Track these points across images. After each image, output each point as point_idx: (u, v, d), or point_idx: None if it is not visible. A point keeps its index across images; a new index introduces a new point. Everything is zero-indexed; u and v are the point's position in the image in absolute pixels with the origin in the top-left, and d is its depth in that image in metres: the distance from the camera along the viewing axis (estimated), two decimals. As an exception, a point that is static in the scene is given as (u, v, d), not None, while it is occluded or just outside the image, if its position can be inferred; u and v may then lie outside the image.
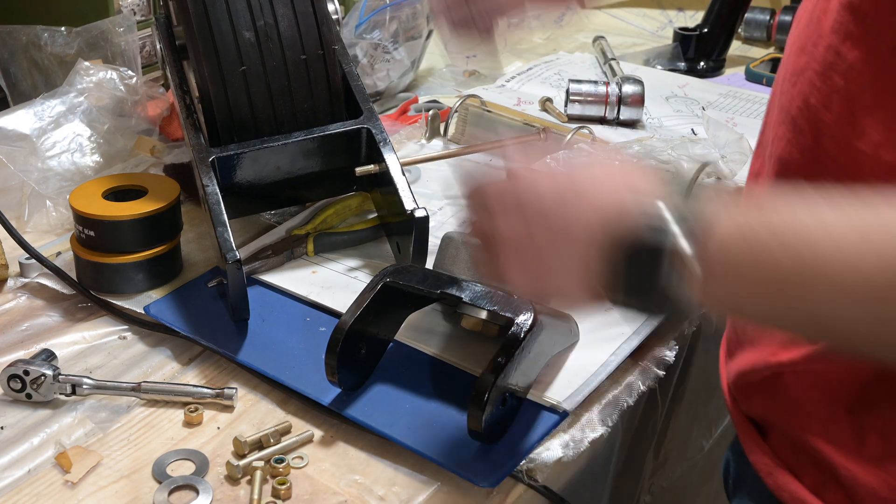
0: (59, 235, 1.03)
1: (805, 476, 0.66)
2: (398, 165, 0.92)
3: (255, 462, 0.72)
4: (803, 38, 0.64)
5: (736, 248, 0.53)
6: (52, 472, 0.73)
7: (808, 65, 0.62)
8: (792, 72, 0.65)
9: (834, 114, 0.60)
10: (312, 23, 0.92)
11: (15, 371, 0.79)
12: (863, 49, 0.58)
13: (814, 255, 0.51)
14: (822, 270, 0.51)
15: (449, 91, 1.42)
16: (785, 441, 0.67)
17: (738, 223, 0.54)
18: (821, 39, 0.61)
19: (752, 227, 0.53)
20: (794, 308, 0.53)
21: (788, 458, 0.67)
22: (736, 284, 0.54)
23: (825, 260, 0.51)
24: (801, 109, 0.63)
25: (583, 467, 0.81)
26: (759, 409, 0.70)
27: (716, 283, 0.54)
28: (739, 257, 0.53)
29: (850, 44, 0.58)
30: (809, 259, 0.51)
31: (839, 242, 0.50)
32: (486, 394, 0.71)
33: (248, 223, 1.04)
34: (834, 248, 0.50)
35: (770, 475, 0.67)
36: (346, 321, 0.77)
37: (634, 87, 1.24)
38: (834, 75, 0.60)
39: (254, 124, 0.92)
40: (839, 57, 0.59)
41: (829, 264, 0.50)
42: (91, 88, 1.10)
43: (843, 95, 0.60)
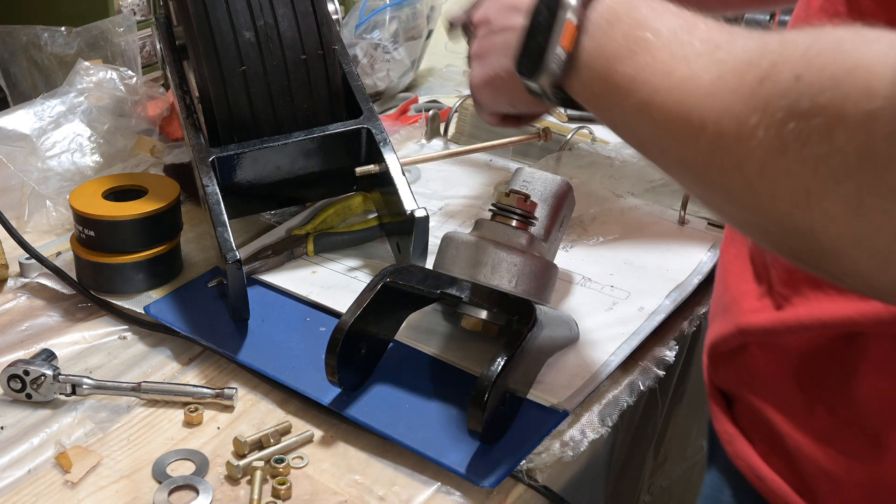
0: (59, 235, 1.03)
1: (757, 444, 0.67)
2: (398, 165, 0.92)
3: (255, 462, 0.72)
4: (794, 17, 0.66)
5: (602, 14, 0.59)
6: (52, 472, 0.73)
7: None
8: None
9: None
10: (312, 23, 0.92)
11: (15, 371, 0.79)
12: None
13: (635, 52, 0.56)
14: (637, 72, 0.55)
15: (449, 91, 1.42)
16: (746, 411, 0.69)
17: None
18: (810, 17, 0.63)
19: (623, 3, 0.59)
20: (615, 102, 0.57)
21: (747, 427, 0.68)
22: (595, 51, 0.59)
23: (642, 64, 0.55)
24: None
25: (583, 467, 0.81)
26: (725, 379, 0.71)
27: (584, 49, 0.59)
28: (602, 24, 0.59)
29: (837, 21, 0.59)
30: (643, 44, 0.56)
31: (655, 51, 0.54)
32: (486, 394, 0.71)
33: (248, 223, 1.04)
34: (650, 53, 0.55)
35: (730, 443, 0.69)
36: (346, 321, 0.77)
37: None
38: None
39: (254, 124, 0.92)
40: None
41: (640, 73, 0.54)
42: (91, 88, 1.10)
43: None
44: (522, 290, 0.78)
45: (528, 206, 0.82)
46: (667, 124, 0.52)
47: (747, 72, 0.47)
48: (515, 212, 0.81)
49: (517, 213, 0.81)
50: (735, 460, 0.68)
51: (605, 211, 1.04)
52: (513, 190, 0.84)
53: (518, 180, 0.86)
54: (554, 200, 0.85)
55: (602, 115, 0.61)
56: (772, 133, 0.45)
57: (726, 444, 0.69)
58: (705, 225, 1.05)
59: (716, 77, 0.49)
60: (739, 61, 0.49)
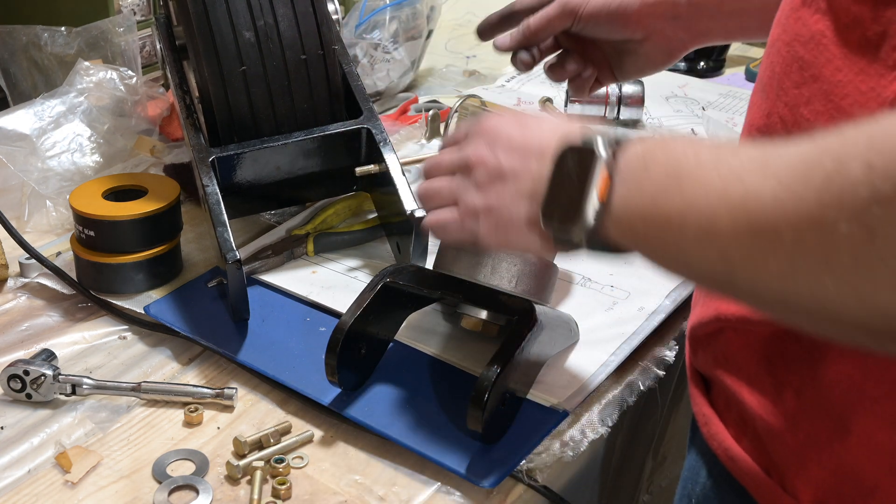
0: (59, 235, 1.03)
1: (731, 425, 0.68)
2: (398, 165, 0.92)
3: (255, 462, 0.72)
4: (780, 11, 0.66)
5: (635, 160, 0.59)
6: (52, 472, 0.73)
7: (779, 36, 0.65)
8: (768, 43, 0.67)
9: (791, 80, 0.62)
10: (312, 23, 0.92)
11: (15, 371, 0.79)
12: (824, 23, 0.60)
13: (683, 185, 0.55)
14: (690, 202, 0.54)
15: (449, 91, 1.42)
16: (721, 393, 0.69)
17: (646, 143, 0.60)
18: (792, 12, 0.63)
19: (654, 144, 0.59)
20: (668, 237, 0.57)
21: (722, 409, 0.69)
22: (634, 195, 0.59)
23: (692, 194, 0.54)
24: (769, 78, 0.65)
25: (582, 467, 0.81)
26: (703, 362, 0.72)
27: (619, 196, 0.59)
28: (638, 168, 0.59)
29: (819, 16, 0.60)
30: (682, 184, 0.55)
31: (703, 178, 0.54)
32: (486, 394, 0.71)
33: (248, 223, 1.04)
34: (697, 182, 0.54)
35: (706, 424, 0.70)
36: (346, 321, 0.77)
37: (634, 88, 1.24)
38: (797, 45, 0.62)
39: (254, 124, 0.92)
40: (805, 27, 0.61)
41: (693, 201, 0.54)
42: (91, 88, 1.10)
43: (800, 65, 0.62)
44: (522, 290, 0.78)
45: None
46: (736, 245, 0.51)
47: (811, 175, 0.48)
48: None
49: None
50: (710, 441, 0.69)
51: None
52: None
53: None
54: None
55: (651, 253, 0.59)
56: (855, 224, 0.45)
57: (702, 425, 0.70)
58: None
59: (777, 188, 0.49)
60: (797, 167, 0.49)
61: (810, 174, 0.48)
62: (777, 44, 0.65)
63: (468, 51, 1.61)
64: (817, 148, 0.49)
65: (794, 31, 0.62)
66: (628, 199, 0.59)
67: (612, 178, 0.59)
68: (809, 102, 0.60)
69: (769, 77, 0.65)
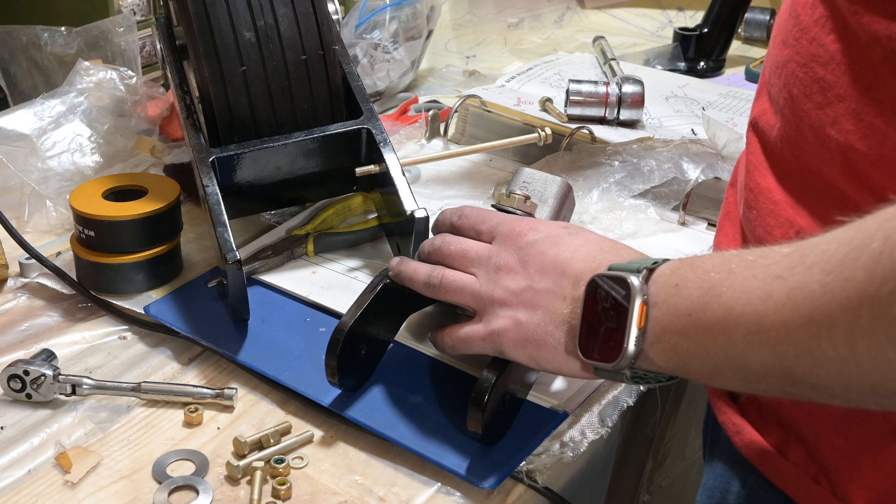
0: (59, 235, 1.03)
1: (769, 435, 0.67)
2: (398, 166, 0.92)
3: (255, 462, 0.72)
4: (784, 31, 0.66)
5: (665, 282, 0.61)
6: (52, 473, 0.73)
7: (791, 57, 0.65)
8: (776, 64, 0.67)
9: (813, 103, 0.62)
10: (313, 23, 0.92)
11: (15, 371, 0.79)
12: (842, 42, 0.60)
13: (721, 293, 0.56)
14: (731, 309, 0.55)
15: (449, 91, 1.42)
16: (752, 402, 0.69)
17: (673, 263, 0.62)
18: (803, 33, 0.63)
19: (680, 264, 0.61)
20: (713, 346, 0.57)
21: (754, 419, 0.69)
22: (669, 316, 0.60)
23: (731, 300, 0.55)
24: (786, 100, 0.65)
25: (582, 467, 0.81)
26: None
27: (655, 319, 0.61)
28: (669, 289, 0.60)
29: (834, 36, 0.61)
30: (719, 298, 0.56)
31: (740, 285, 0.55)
32: (486, 395, 0.71)
33: (248, 223, 1.04)
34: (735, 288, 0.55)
35: (738, 434, 0.69)
36: (346, 322, 0.77)
37: (634, 88, 1.24)
38: (816, 66, 0.62)
39: (254, 124, 0.92)
40: (822, 48, 0.62)
41: (735, 306, 0.55)
42: (91, 88, 1.10)
43: (821, 86, 0.62)
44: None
45: (528, 206, 0.82)
46: (788, 340, 0.52)
47: (858, 258, 0.48)
48: (515, 212, 0.81)
49: (517, 213, 0.81)
50: (744, 451, 0.68)
51: (605, 211, 1.04)
52: (513, 191, 0.84)
53: (518, 181, 0.86)
54: (554, 201, 0.85)
55: (698, 367, 0.59)
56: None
57: (734, 434, 0.69)
58: (705, 225, 1.05)
59: (822, 276, 0.50)
60: (839, 252, 0.50)
61: (858, 258, 0.48)
62: (790, 65, 0.64)
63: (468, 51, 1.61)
64: (859, 233, 0.49)
65: (810, 52, 0.62)
66: (664, 322, 0.60)
67: (646, 305, 0.61)
68: (836, 123, 0.60)
69: (786, 100, 0.65)
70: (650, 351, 0.61)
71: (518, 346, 0.70)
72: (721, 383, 0.60)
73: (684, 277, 0.59)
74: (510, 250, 0.72)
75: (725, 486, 0.72)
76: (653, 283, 0.61)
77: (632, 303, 0.61)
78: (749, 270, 0.55)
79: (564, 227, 0.73)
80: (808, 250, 0.52)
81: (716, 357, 0.57)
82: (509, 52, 1.63)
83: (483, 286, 0.72)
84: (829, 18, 0.61)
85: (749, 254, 0.57)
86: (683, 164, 1.06)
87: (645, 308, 0.61)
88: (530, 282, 0.70)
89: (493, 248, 0.73)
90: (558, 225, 0.73)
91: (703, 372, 0.59)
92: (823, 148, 0.62)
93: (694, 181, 1.04)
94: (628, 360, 0.62)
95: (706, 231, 1.04)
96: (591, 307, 0.65)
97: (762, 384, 0.56)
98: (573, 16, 1.82)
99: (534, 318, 0.69)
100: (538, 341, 0.68)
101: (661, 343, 0.60)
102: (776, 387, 0.56)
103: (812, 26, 0.62)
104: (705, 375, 0.59)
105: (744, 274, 0.55)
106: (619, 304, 0.62)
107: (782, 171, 0.66)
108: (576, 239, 0.70)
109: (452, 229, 0.79)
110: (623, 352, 0.61)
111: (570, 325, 0.67)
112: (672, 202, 1.06)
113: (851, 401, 0.53)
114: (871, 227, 0.49)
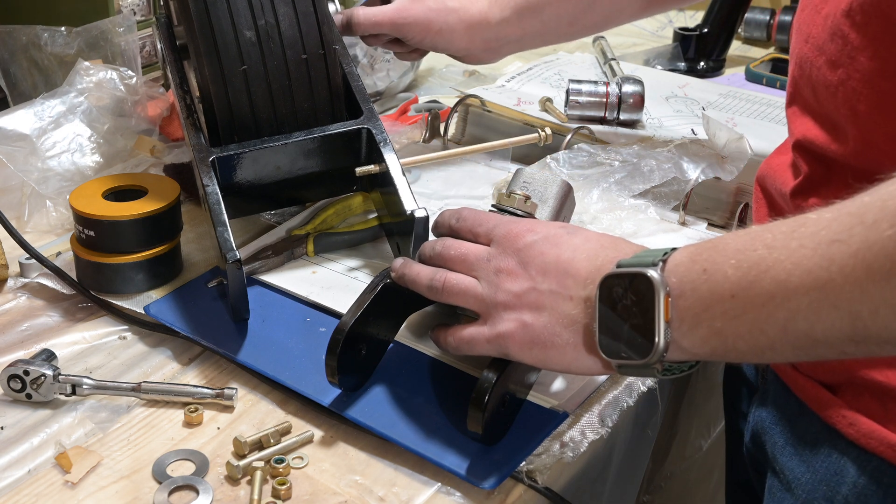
0: (59, 235, 1.03)
1: (890, 423, 0.68)
2: (398, 166, 0.92)
3: (255, 462, 0.72)
4: (830, 52, 0.67)
5: (687, 270, 0.60)
6: (52, 473, 0.73)
7: (848, 75, 0.66)
8: (826, 84, 0.68)
9: (885, 115, 0.63)
10: (313, 22, 0.92)
11: (15, 371, 0.79)
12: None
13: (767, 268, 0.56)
14: (786, 282, 0.55)
15: (449, 91, 1.42)
16: (863, 393, 0.70)
17: (687, 249, 0.62)
18: (858, 52, 0.64)
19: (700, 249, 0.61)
20: (768, 322, 0.57)
21: (871, 408, 0.69)
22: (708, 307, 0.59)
23: (784, 272, 0.55)
24: (848, 117, 0.66)
25: (583, 468, 0.81)
26: (828, 372, 0.72)
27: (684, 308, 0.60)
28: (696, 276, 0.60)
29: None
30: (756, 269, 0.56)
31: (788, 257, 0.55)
32: (487, 395, 0.71)
33: (248, 223, 1.04)
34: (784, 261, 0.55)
35: (852, 426, 0.69)
36: (346, 322, 0.77)
37: (635, 88, 1.24)
38: (881, 81, 0.63)
39: (254, 124, 0.92)
40: (886, 63, 0.63)
41: (789, 278, 0.55)
42: (91, 88, 1.10)
43: (892, 97, 0.63)
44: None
45: (529, 206, 0.82)
46: (865, 298, 0.52)
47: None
48: (516, 212, 0.81)
49: (517, 213, 0.81)
50: (864, 441, 0.68)
51: (605, 211, 1.04)
52: (513, 191, 0.84)
53: (518, 181, 0.86)
54: (554, 201, 0.85)
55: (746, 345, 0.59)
56: None
57: (846, 427, 0.70)
58: (705, 226, 1.05)
59: (892, 230, 0.50)
60: (877, 210, 0.51)
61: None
62: (850, 83, 0.66)
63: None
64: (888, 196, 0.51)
65: (872, 68, 0.64)
66: (697, 309, 0.60)
67: (669, 296, 0.60)
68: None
69: (848, 117, 0.66)
70: (683, 340, 0.61)
71: (525, 349, 0.70)
72: (770, 357, 0.60)
73: (712, 261, 0.59)
74: (509, 252, 0.72)
75: (834, 477, 0.71)
76: (671, 273, 0.61)
77: (657, 297, 0.61)
78: (793, 241, 0.55)
79: (562, 226, 0.73)
80: (863, 210, 0.52)
81: (771, 332, 0.57)
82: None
83: (485, 289, 0.72)
84: (886, 33, 0.61)
85: (781, 226, 0.56)
86: (683, 164, 1.05)
87: (669, 300, 0.60)
88: (533, 283, 0.69)
89: (491, 251, 0.73)
90: (555, 225, 0.73)
91: (752, 350, 0.59)
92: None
93: (694, 181, 1.04)
94: (660, 355, 0.61)
95: (706, 231, 1.04)
96: (608, 307, 0.64)
97: (823, 349, 0.56)
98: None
99: (540, 319, 0.69)
100: (545, 342, 0.68)
101: (700, 329, 0.60)
102: (839, 349, 0.56)
103: (868, 45, 0.63)
104: (753, 353, 0.59)
105: (788, 246, 0.55)
106: (641, 300, 0.62)
107: (844, 187, 0.67)
108: (575, 238, 0.70)
109: (451, 232, 0.79)
110: (655, 347, 0.61)
111: (583, 324, 0.67)
112: (672, 202, 1.06)
113: None
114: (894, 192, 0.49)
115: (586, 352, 0.67)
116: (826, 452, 0.73)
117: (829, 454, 0.72)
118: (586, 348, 0.67)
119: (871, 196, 0.52)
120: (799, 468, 0.75)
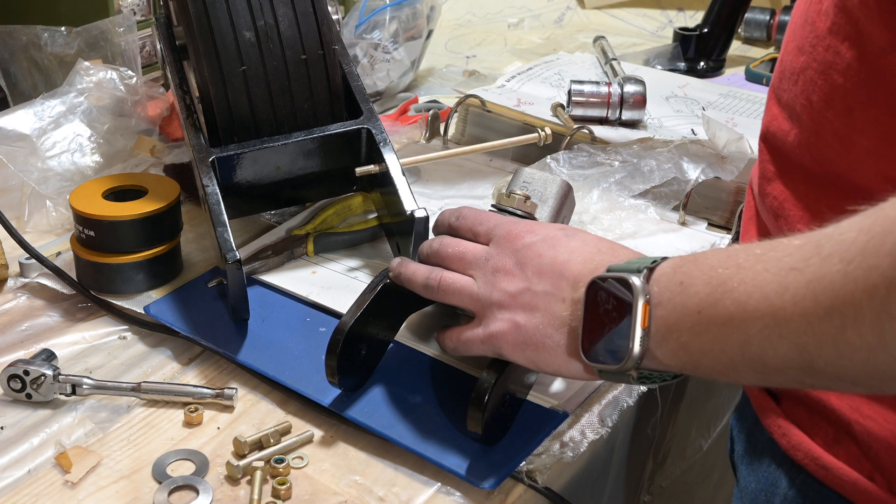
0: (59, 235, 1.03)
1: (817, 435, 0.67)
2: (398, 166, 0.92)
3: (255, 462, 0.72)
4: (799, 38, 0.66)
5: (668, 280, 0.60)
6: (52, 473, 0.73)
7: (808, 64, 0.64)
8: (791, 71, 0.67)
9: (835, 111, 0.62)
10: (313, 23, 0.92)
11: (15, 371, 0.79)
12: (858, 49, 0.60)
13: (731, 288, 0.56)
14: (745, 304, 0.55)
15: (449, 91, 1.42)
16: (798, 404, 0.69)
17: (674, 261, 0.61)
18: (819, 40, 0.63)
19: (682, 262, 0.61)
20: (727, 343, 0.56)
21: (801, 419, 0.69)
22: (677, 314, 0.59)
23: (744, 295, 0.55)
24: (804, 107, 0.65)
25: (583, 468, 0.81)
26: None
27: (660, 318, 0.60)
28: (673, 287, 0.60)
29: (848, 44, 0.60)
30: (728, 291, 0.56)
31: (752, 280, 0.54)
32: (486, 395, 0.71)
33: (248, 223, 1.04)
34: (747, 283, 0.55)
35: (784, 436, 0.69)
36: (346, 322, 0.77)
37: (636, 88, 1.24)
38: (834, 74, 0.62)
39: (254, 124, 0.92)
40: (838, 56, 0.61)
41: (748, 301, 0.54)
42: (91, 88, 1.10)
43: (842, 93, 0.61)
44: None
45: (529, 206, 0.82)
46: (810, 331, 0.51)
47: (882, 245, 0.48)
48: (515, 213, 0.81)
49: (517, 213, 0.81)
50: (792, 452, 0.68)
51: (605, 211, 1.04)
52: (513, 191, 0.84)
53: (518, 181, 0.86)
54: (554, 201, 0.85)
55: (710, 363, 0.59)
56: None
57: (780, 437, 0.69)
58: (705, 226, 1.05)
59: (845, 267, 0.49)
60: (859, 241, 0.49)
61: (879, 243, 0.48)
62: (808, 72, 0.64)
63: (468, 51, 1.61)
64: (877, 219, 0.49)
65: (827, 59, 0.62)
66: (670, 320, 0.59)
67: (649, 304, 0.60)
68: (864, 132, 0.60)
69: (804, 106, 0.65)
70: (657, 350, 0.61)
71: (517, 349, 0.70)
72: (734, 378, 0.60)
73: (689, 275, 0.59)
74: (507, 252, 0.72)
75: (770, 488, 0.71)
76: (655, 282, 0.61)
77: (635, 303, 0.61)
78: (759, 264, 0.54)
79: (561, 228, 0.73)
80: (822, 241, 0.52)
81: (730, 353, 0.57)
82: (509, 52, 1.63)
83: (481, 289, 0.72)
84: (842, 26, 0.61)
85: (756, 248, 0.56)
86: (683, 164, 1.06)
87: (648, 308, 0.60)
88: (528, 284, 0.69)
89: (490, 251, 0.73)
90: (555, 227, 0.73)
91: (716, 368, 0.59)
92: (850, 154, 0.61)
93: (694, 181, 1.04)
94: (634, 361, 0.61)
95: (706, 231, 1.04)
96: (592, 310, 0.64)
97: (780, 377, 0.56)
98: (573, 16, 1.82)
99: (532, 320, 0.69)
100: (537, 344, 0.68)
101: (670, 342, 0.60)
102: (795, 378, 0.55)
103: (827, 34, 0.62)
104: (718, 371, 0.59)
105: (754, 268, 0.55)
106: (621, 305, 0.62)
107: (799, 177, 0.66)
108: (573, 241, 0.70)
109: (451, 230, 0.79)
110: (629, 353, 0.61)
111: (570, 327, 0.67)
112: (672, 202, 1.06)
113: (874, 388, 0.53)
114: (892, 213, 0.48)
115: (573, 355, 0.67)
116: (767, 462, 0.72)
117: (769, 464, 0.72)
118: (573, 351, 0.67)
119: (836, 227, 0.52)
120: (748, 477, 0.75)
